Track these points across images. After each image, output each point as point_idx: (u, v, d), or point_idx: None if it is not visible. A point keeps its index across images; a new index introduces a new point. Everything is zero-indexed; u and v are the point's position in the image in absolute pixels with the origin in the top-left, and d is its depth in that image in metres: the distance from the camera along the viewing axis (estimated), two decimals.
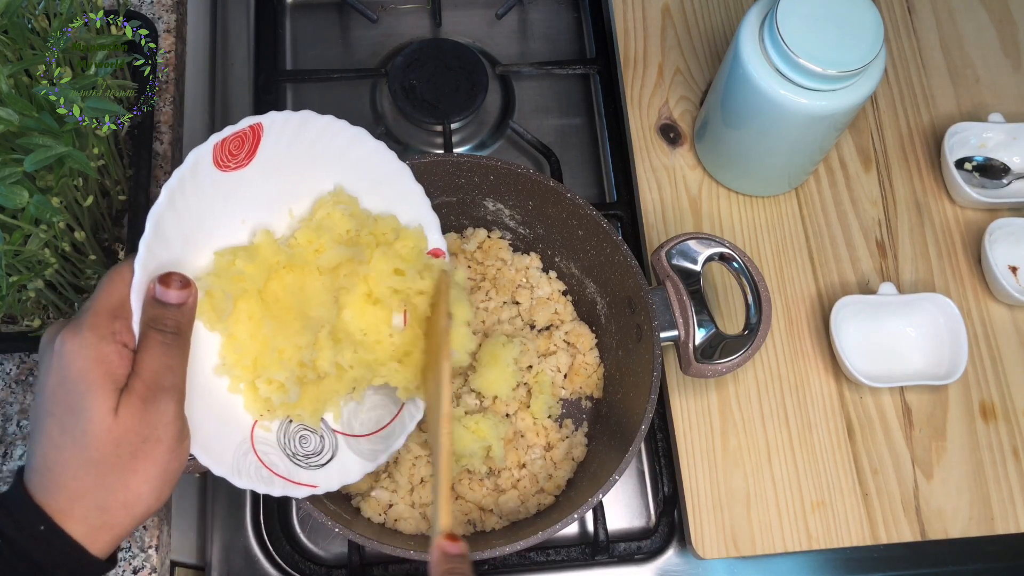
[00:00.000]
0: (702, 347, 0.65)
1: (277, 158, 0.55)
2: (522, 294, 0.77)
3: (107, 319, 0.46)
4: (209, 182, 0.51)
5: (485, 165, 0.70)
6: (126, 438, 0.45)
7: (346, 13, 0.95)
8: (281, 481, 0.55)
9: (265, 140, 0.53)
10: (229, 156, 0.52)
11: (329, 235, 0.56)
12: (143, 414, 0.45)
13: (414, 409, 0.63)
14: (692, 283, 0.67)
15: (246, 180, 0.54)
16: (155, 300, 0.48)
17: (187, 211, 0.50)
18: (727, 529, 0.72)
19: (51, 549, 0.44)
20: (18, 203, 0.54)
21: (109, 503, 0.45)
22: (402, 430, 0.62)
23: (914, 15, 0.92)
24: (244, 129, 0.52)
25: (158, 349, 0.47)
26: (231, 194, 0.53)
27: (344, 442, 0.60)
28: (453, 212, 0.76)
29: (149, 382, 0.46)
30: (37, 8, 0.64)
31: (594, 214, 0.68)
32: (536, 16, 0.96)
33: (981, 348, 0.79)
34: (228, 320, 0.53)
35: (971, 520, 0.73)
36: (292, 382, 0.54)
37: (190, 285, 0.49)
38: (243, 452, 0.54)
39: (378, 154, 0.60)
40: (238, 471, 0.52)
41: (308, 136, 0.56)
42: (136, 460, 0.45)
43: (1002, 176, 0.84)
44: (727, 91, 0.74)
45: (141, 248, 0.48)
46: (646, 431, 0.62)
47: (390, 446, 0.61)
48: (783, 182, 0.82)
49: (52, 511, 0.44)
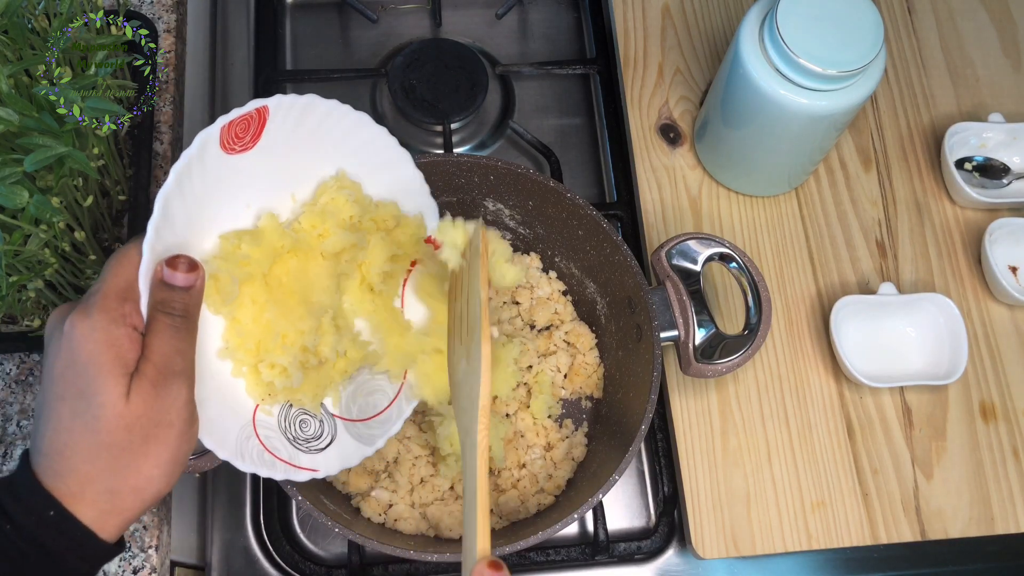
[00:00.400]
0: (702, 347, 0.65)
1: (281, 141, 0.55)
2: (522, 294, 0.77)
3: (117, 302, 0.46)
4: (215, 165, 0.51)
5: (485, 165, 0.70)
6: (138, 423, 0.44)
7: (346, 13, 0.95)
8: (283, 465, 0.55)
9: (270, 123, 0.53)
10: (235, 139, 0.52)
11: (333, 220, 0.56)
12: (154, 399, 0.45)
13: (410, 394, 0.63)
14: (692, 283, 0.67)
15: (251, 163, 0.53)
16: (162, 283, 0.47)
17: (193, 194, 0.50)
18: (727, 529, 0.72)
19: (61, 534, 0.44)
20: (18, 203, 0.54)
21: (120, 487, 0.45)
22: (399, 415, 0.62)
23: (914, 15, 0.92)
24: (251, 112, 0.52)
25: (168, 333, 0.46)
26: (236, 178, 0.53)
27: (343, 426, 0.60)
28: (453, 212, 0.75)
29: (160, 366, 0.45)
30: (37, 8, 0.64)
31: (594, 214, 0.68)
32: (536, 16, 0.96)
33: (981, 348, 0.79)
34: (232, 304, 0.53)
35: (971, 520, 0.73)
36: (295, 367, 0.54)
37: (197, 268, 0.49)
38: (246, 436, 0.54)
39: (380, 139, 0.60)
40: (241, 454, 0.52)
41: (312, 120, 0.56)
42: (148, 444, 0.45)
43: (1002, 176, 0.84)
44: (727, 91, 0.74)
45: (149, 230, 0.47)
46: (646, 431, 0.62)
47: (387, 430, 0.62)
48: (783, 182, 0.82)
49: (61, 495, 0.44)
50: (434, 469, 0.70)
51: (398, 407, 0.63)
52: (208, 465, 0.59)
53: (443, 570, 0.73)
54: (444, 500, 0.70)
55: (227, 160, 0.52)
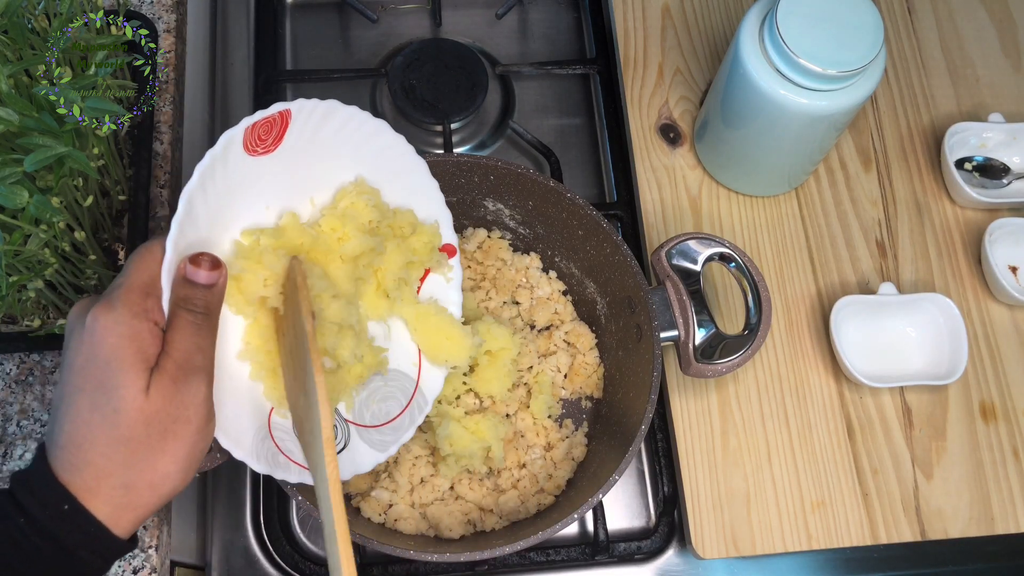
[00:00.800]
0: (702, 347, 0.65)
1: (302, 145, 0.55)
2: (522, 294, 0.77)
3: (140, 296, 0.46)
4: (237, 165, 0.52)
5: (485, 165, 0.70)
6: (156, 418, 0.45)
7: (346, 13, 0.95)
8: (297, 468, 0.55)
9: (292, 127, 0.54)
10: (258, 141, 0.52)
11: (353, 224, 0.57)
12: (174, 394, 0.45)
13: (423, 401, 0.64)
14: (692, 283, 0.67)
15: (272, 165, 0.54)
16: (185, 280, 0.47)
17: (215, 193, 0.51)
18: (727, 529, 0.72)
19: (75, 528, 0.44)
20: (18, 203, 0.54)
21: (136, 482, 0.45)
22: (411, 422, 0.63)
23: (914, 15, 0.92)
24: (274, 115, 0.52)
25: (189, 329, 0.47)
26: (257, 179, 0.54)
27: (356, 432, 0.61)
28: (453, 212, 0.75)
29: (180, 362, 0.46)
30: (37, 8, 0.64)
31: (594, 214, 0.68)
32: (536, 16, 0.96)
33: (981, 348, 0.79)
34: (254, 304, 0.53)
35: (971, 520, 0.73)
36: None
37: (220, 266, 0.49)
38: (261, 437, 0.54)
39: (397, 147, 0.61)
40: (256, 455, 0.53)
41: (332, 125, 0.56)
42: (166, 440, 0.45)
43: (1002, 176, 0.84)
44: (727, 91, 0.74)
45: (173, 227, 0.48)
46: (646, 431, 0.62)
47: (400, 437, 0.62)
48: (783, 182, 0.82)
49: (76, 489, 0.44)
50: (434, 469, 0.70)
51: (411, 414, 0.63)
52: (209, 465, 0.59)
53: (443, 570, 0.73)
54: (444, 500, 0.70)
55: (249, 161, 0.52)
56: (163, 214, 0.73)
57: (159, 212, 0.73)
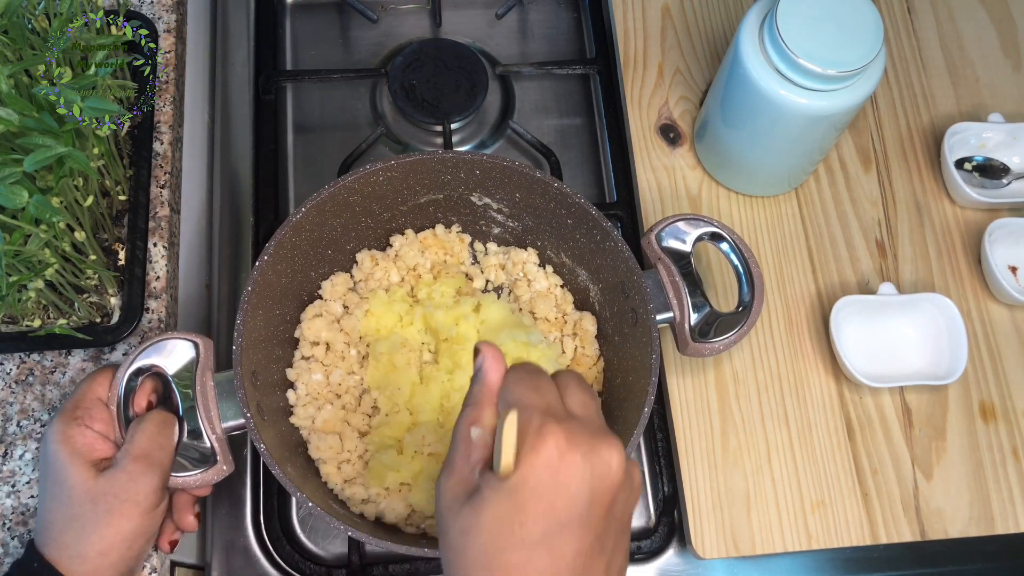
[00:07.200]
0: (698, 327, 0.65)
1: None
2: (520, 287, 0.77)
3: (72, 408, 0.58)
4: None
5: (471, 160, 0.70)
6: (103, 498, 0.54)
7: (346, 13, 0.95)
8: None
9: None
10: None
11: None
12: (125, 481, 0.55)
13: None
14: (684, 264, 0.67)
15: None
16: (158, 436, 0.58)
17: None
18: (727, 529, 0.72)
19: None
20: (18, 203, 0.54)
21: (86, 552, 0.54)
22: None
23: (914, 15, 0.92)
24: None
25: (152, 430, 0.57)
26: None
27: None
28: (440, 209, 0.75)
29: (136, 455, 0.56)
30: (37, 8, 0.64)
31: (582, 202, 0.68)
32: (536, 16, 0.96)
33: (981, 348, 0.79)
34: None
35: (971, 520, 0.73)
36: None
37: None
38: None
39: None
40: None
41: None
42: (111, 516, 0.54)
43: (1002, 176, 0.84)
44: (727, 91, 0.74)
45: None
46: (648, 414, 0.61)
47: None
48: (783, 182, 0.82)
49: (52, 560, 0.54)
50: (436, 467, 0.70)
51: None
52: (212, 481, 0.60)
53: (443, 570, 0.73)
54: None
55: None
56: (163, 214, 0.73)
57: (159, 212, 0.73)
